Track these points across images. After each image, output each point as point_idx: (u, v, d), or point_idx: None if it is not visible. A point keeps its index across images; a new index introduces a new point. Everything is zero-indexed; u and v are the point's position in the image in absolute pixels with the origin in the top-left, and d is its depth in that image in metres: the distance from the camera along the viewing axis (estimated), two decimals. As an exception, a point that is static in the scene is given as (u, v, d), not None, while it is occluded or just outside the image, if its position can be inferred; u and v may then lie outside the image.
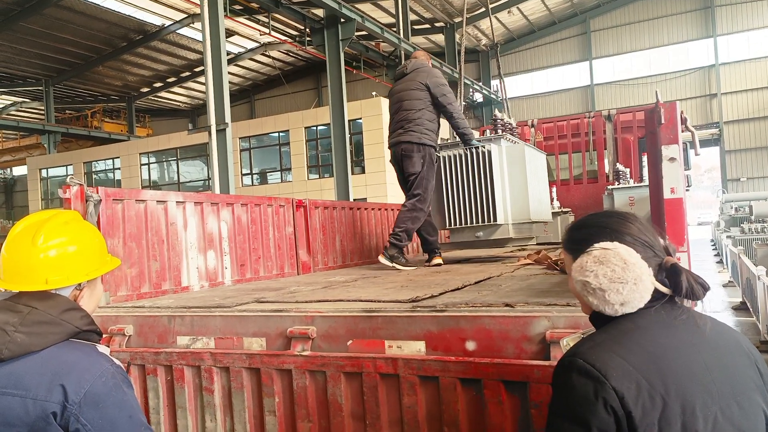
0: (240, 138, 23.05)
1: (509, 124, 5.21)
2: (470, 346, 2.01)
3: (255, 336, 2.38)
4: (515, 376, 1.88)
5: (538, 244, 7.12)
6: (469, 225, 4.65)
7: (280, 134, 22.99)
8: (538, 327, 1.93)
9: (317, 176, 22.38)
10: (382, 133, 19.30)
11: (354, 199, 15.11)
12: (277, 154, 23.44)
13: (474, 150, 4.58)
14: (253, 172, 24.06)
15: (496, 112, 5.20)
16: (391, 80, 20.93)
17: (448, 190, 4.69)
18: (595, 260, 1.26)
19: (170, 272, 3.52)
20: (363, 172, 20.36)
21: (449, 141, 4.97)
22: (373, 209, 5.95)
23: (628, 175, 7.40)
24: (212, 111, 11.40)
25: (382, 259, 4.43)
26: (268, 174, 24.16)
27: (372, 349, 2.14)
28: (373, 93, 22.68)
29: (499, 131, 4.97)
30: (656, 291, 1.26)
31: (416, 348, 2.08)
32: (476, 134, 5.14)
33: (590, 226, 1.37)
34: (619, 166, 6.72)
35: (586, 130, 8.37)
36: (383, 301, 2.40)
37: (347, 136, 14.83)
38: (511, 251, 6.34)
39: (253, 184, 23.76)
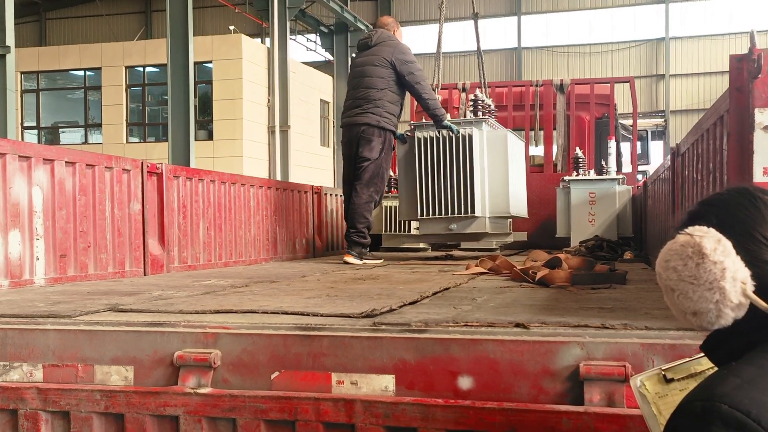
0: (23, 73, 21.25)
1: (488, 105, 5.99)
2: (465, 383, 1.96)
3: (116, 363, 2.21)
4: (534, 428, 1.84)
5: (462, 249, 7.29)
6: (442, 216, 5.44)
7: (88, 73, 21.59)
8: (567, 357, 1.92)
9: (140, 140, 21.30)
10: (241, 86, 18.78)
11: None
12: (80, 104, 22.02)
13: (454, 133, 5.43)
14: (42, 125, 22.36)
15: (477, 91, 6.04)
16: (257, 13, 20.47)
17: (422, 176, 5.48)
18: (674, 248, 1.25)
19: (-54, 261, 3.23)
20: (210, 138, 19.69)
21: (425, 121, 5.81)
22: (252, 186, 5.81)
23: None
24: (-15, 26, 10.35)
25: (350, 259, 5.33)
26: (63, 131, 22.58)
27: (311, 385, 2.05)
28: (231, 27, 22.05)
29: (480, 113, 5.76)
30: None
31: (381, 385, 2.01)
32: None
33: (710, 201, 1.34)
34: (579, 152, 7.05)
35: (532, 102, 8.66)
36: (323, 315, 2.23)
37: (191, 85, 14.17)
38: (436, 255, 6.56)
39: (39, 144, 22.03)
